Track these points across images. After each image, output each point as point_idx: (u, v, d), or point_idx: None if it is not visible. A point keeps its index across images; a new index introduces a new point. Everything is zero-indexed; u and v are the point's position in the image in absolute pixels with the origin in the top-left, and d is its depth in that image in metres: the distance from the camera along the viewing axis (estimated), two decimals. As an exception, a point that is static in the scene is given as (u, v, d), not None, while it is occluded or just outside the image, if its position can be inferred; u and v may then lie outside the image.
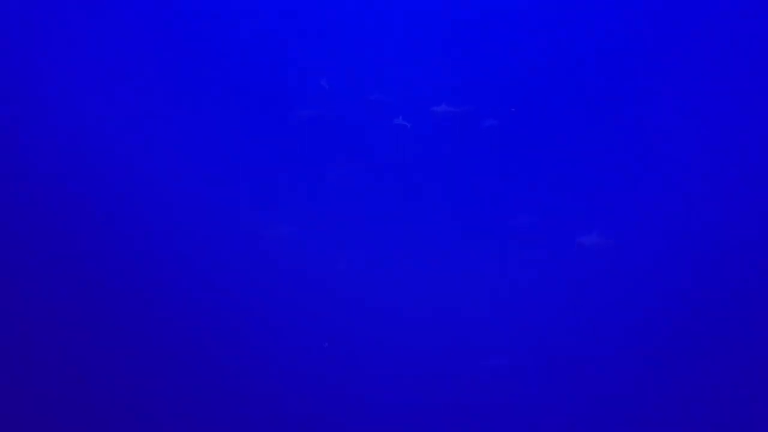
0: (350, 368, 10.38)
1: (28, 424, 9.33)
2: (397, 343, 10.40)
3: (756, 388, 9.68)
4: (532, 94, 11.35)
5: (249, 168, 11.17)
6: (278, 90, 11.46)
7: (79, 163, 10.48)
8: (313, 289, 10.62)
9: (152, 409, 9.81)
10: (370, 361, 10.37)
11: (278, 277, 10.64)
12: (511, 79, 11.37)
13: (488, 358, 10.23)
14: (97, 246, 10.37)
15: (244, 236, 10.72)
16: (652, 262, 10.39)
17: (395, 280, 10.72)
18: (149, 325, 10.20)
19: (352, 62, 11.53)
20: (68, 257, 10.21)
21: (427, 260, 10.85)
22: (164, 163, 10.75)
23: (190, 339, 10.25)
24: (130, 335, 10.10)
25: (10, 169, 10.21)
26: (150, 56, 11.16)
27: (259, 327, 10.49)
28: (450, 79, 11.29)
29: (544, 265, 10.59)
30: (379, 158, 11.41)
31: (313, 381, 10.26)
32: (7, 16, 10.56)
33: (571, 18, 11.33)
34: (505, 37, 11.47)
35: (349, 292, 10.62)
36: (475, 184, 11.25)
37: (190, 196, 10.73)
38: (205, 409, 10.02)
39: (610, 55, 11.13)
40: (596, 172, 10.94)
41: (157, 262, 10.46)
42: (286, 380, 10.25)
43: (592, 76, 11.17)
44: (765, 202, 10.19)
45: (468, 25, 11.54)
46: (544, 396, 10.04)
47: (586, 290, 10.46)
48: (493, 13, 11.48)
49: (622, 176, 10.84)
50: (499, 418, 10.08)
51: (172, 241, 10.57)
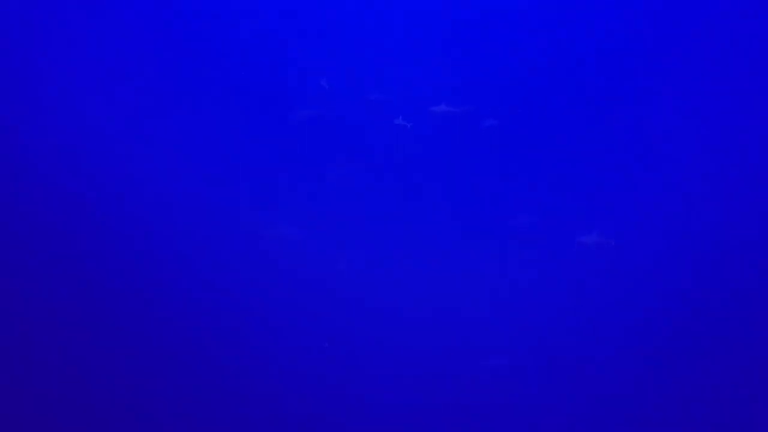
0: (350, 368, 10.38)
1: (28, 424, 9.33)
2: (397, 343, 10.40)
3: (756, 388, 9.68)
4: (532, 94, 11.36)
5: (249, 168, 11.18)
6: (278, 90, 11.46)
7: (79, 163, 10.48)
8: (314, 289, 10.62)
9: (152, 409, 9.81)
10: (370, 361, 10.37)
11: (278, 277, 10.64)
12: (511, 79, 11.38)
13: (488, 358, 10.23)
14: (97, 246, 10.37)
15: (244, 236, 10.72)
16: (652, 262, 10.40)
17: (395, 280, 10.72)
18: (150, 325, 10.19)
19: (352, 62, 11.54)
20: (68, 257, 10.21)
21: (427, 260, 10.85)
22: (164, 163, 10.76)
23: (190, 339, 10.25)
24: (131, 336, 10.09)
25: (10, 169, 10.21)
26: (150, 56, 11.16)
27: (258, 327, 10.49)
28: (450, 79, 11.29)
29: (545, 264, 10.60)
30: (379, 158, 11.41)
31: (313, 381, 10.26)
32: (7, 16, 10.57)
33: (571, 18, 11.34)
34: (505, 38, 11.48)
35: (349, 292, 10.62)
36: (475, 184, 11.26)
37: (190, 195, 10.73)
38: (205, 409, 10.01)
39: (610, 55, 11.14)
40: (596, 172, 10.95)
41: (157, 262, 10.46)
42: (286, 380, 10.25)
43: (592, 76, 11.18)
44: (765, 201, 10.20)
45: (468, 25, 11.55)
46: (544, 396, 10.04)
47: (586, 290, 10.47)
48: (493, 14, 11.49)
49: (622, 176, 10.85)
50: (499, 418, 10.08)
51: (172, 241, 10.56)
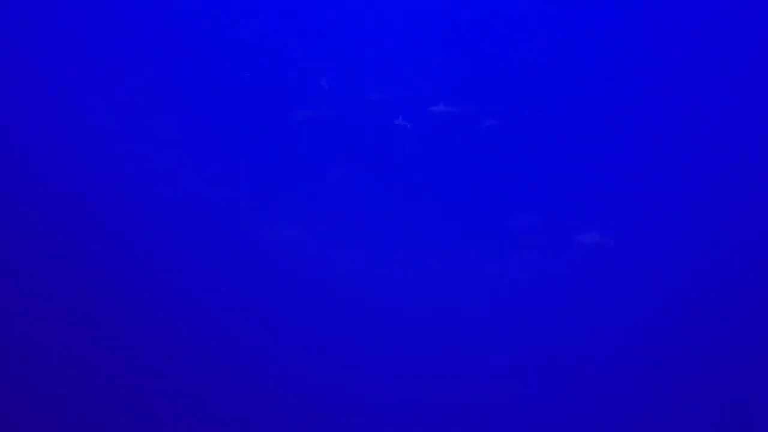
0: (350, 368, 10.37)
1: (28, 424, 9.33)
2: (397, 343, 10.38)
3: (756, 388, 9.68)
4: (532, 94, 11.36)
5: (249, 168, 11.18)
6: (278, 90, 11.46)
7: (79, 163, 10.48)
8: (314, 289, 10.62)
9: (153, 409, 9.80)
10: (369, 361, 10.36)
11: (278, 277, 10.63)
12: (511, 79, 11.39)
13: (488, 358, 10.22)
14: (97, 247, 10.37)
15: (244, 236, 10.72)
16: (652, 261, 10.40)
17: (395, 280, 10.72)
18: (150, 325, 10.19)
19: (352, 62, 11.54)
20: (68, 257, 10.20)
21: (426, 260, 10.85)
22: (164, 163, 10.76)
23: (190, 339, 10.25)
24: (131, 336, 10.09)
25: (10, 169, 10.21)
26: (150, 56, 11.17)
27: (258, 327, 10.48)
28: (450, 79, 11.30)
29: (544, 264, 10.59)
30: (379, 158, 11.41)
31: (313, 381, 10.25)
32: (7, 16, 10.57)
33: (571, 18, 11.34)
34: (505, 38, 11.48)
35: (349, 292, 10.61)
36: (475, 184, 11.25)
37: (190, 195, 10.73)
38: (205, 409, 10.00)
39: (610, 55, 11.14)
40: (596, 172, 10.95)
41: (157, 262, 10.46)
42: (286, 380, 10.24)
43: (592, 76, 11.18)
44: (764, 201, 10.20)
45: (468, 25, 11.56)
46: (544, 395, 10.04)
47: (586, 289, 10.46)
48: (493, 14, 11.49)
49: (621, 175, 10.85)
50: (499, 418, 10.07)
51: (171, 241, 10.56)
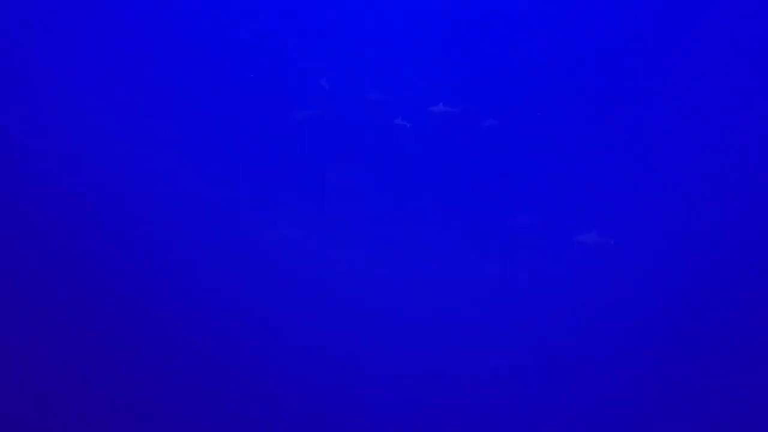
0: (351, 368, 10.36)
1: (28, 424, 9.33)
2: (397, 343, 10.37)
3: (756, 388, 9.68)
4: (532, 94, 11.36)
5: (249, 168, 11.18)
6: (278, 90, 11.46)
7: (79, 163, 10.48)
8: (313, 289, 10.61)
9: (153, 409, 9.80)
10: (369, 361, 10.36)
11: (278, 277, 10.63)
12: (511, 79, 11.39)
13: (488, 358, 10.22)
14: (97, 247, 10.36)
15: (244, 236, 10.71)
16: (652, 261, 10.40)
17: (394, 280, 10.71)
18: (150, 325, 10.18)
19: (352, 62, 11.55)
20: (68, 258, 10.20)
21: (426, 260, 10.85)
22: (164, 163, 10.75)
23: (190, 339, 10.24)
24: (131, 336, 10.08)
25: (10, 169, 10.21)
26: (150, 56, 11.17)
27: (258, 326, 10.47)
28: (450, 79, 11.30)
29: (544, 264, 10.59)
30: (379, 158, 11.41)
31: (314, 381, 10.24)
32: (7, 16, 10.57)
33: (571, 18, 11.35)
34: (505, 38, 11.49)
35: (349, 292, 10.60)
36: (475, 184, 11.25)
37: (190, 195, 10.73)
38: (205, 410, 9.99)
39: (610, 55, 11.14)
40: (595, 171, 10.95)
41: (156, 262, 10.45)
42: (286, 380, 10.23)
43: (592, 76, 11.19)
44: (764, 201, 10.20)
45: (468, 25, 11.56)
46: (544, 395, 10.03)
47: (585, 289, 10.46)
48: (493, 14, 11.49)
49: (621, 175, 10.85)
50: (499, 418, 10.07)
51: (171, 241, 10.55)
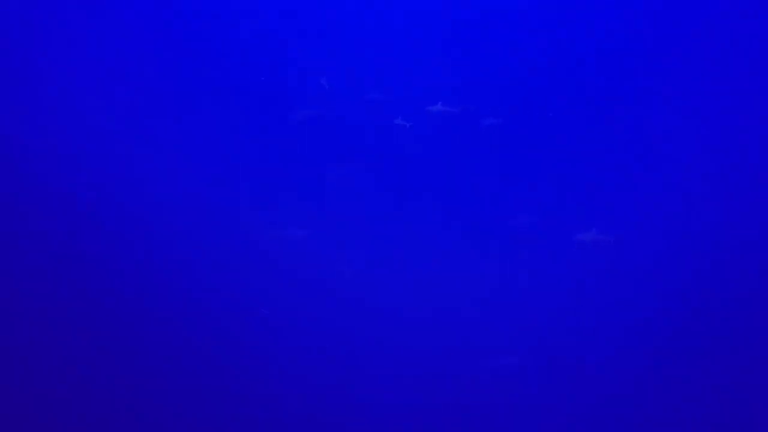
0: (351, 368, 10.36)
1: (28, 424, 9.33)
2: (396, 342, 10.37)
3: (756, 388, 9.68)
4: (531, 94, 11.36)
5: (249, 168, 11.17)
6: (278, 90, 11.46)
7: (79, 163, 10.48)
8: (314, 289, 10.61)
9: (153, 410, 9.80)
10: (369, 361, 10.36)
11: (278, 277, 10.63)
12: (510, 78, 11.39)
13: (488, 358, 10.23)
14: (97, 247, 10.36)
15: (244, 236, 10.71)
16: (651, 260, 10.40)
17: (394, 279, 10.71)
18: (150, 326, 10.18)
19: (352, 62, 11.54)
20: (68, 258, 10.20)
21: (425, 259, 10.85)
22: (164, 163, 10.75)
23: (190, 339, 10.24)
24: (131, 337, 10.08)
25: (10, 169, 10.21)
26: (150, 56, 11.17)
27: (258, 326, 10.48)
28: (450, 79, 11.30)
29: (543, 263, 10.59)
30: (379, 158, 11.41)
31: (315, 381, 10.25)
32: (7, 16, 10.57)
33: (571, 18, 11.35)
34: (505, 37, 11.48)
35: (349, 292, 10.60)
36: (475, 183, 11.25)
37: (190, 195, 10.73)
38: (206, 410, 10.00)
39: (610, 55, 11.14)
40: (595, 171, 10.95)
41: (156, 263, 10.45)
42: (287, 380, 10.24)
43: (591, 75, 11.19)
44: (764, 201, 10.20)
45: (468, 25, 11.56)
46: (543, 394, 10.04)
47: (585, 288, 10.46)
48: (493, 14, 11.49)
49: (621, 174, 10.85)
50: (499, 418, 10.07)
51: (171, 241, 10.56)
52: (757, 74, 10.56)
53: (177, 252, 10.57)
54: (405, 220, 11.08)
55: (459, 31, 11.54)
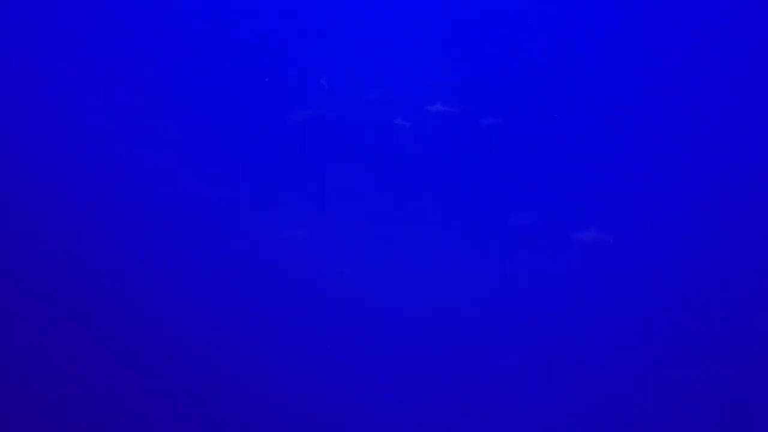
0: (351, 369, 10.36)
1: (28, 424, 9.33)
2: (396, 342, 10.37)
3: (756, 388, 9.68)
4: (530, 93, 11.37)
5: (249, 168, 11.18)
6: (278, 90, 11.47)
7: (79, 163, 10.49)
8: (314, 289, 10.60)
9: (154, 410, 9.80)
10: (369, 361, 10.36)
11: (278, 277, 10.63)
12: (510, 78, 11.39)
13: (488, 358, 10.22)
14: (97, 247, 10.36)
15: (243, 236, 10.71)
16: (651, 259, 10.40)
17: (393, 278, 10.70)
18: (150, 326, 10.18)
19: (352, 62, 11.55)
20: (68, 258, 10.20)
21: (425, 259, 10.84)
22: (164, 163, 10.76)
23: (190, 340, 10.24)
24: (131, 337, 10.08)
25: (10, 169, 10.22)
26: (150, 56, 11.18)
27: (258, 327, 10.47)
28: (449, 78, 11.30)
29: (543, 262, 10.58)
30: (379, 158, 11.41)
31: (316, 382, 10.24)
32: (7, 16, 10.58)
33: (571, 18, 11.35)
34: (504, 37, 11.49)
35: (349, 292, 10.60)
36: (474, 183, 11.25)
37: (190, 196, 10.73)
38: (206, 411, 9.99)
39: (610, 55, 11.14)
40: (594, 170, 10.95)
41: (156, 263, 10.45)
42: (288, 381, 10.23)
43: (591, 75, 11.19)
44: (764, 201, 10.20)
45: (467, 25, 11.56)
46: (543, 394, 10.03)
47: (584, 287, 10.46)
48: (493, 13, 11.50)
49: (620, 174, 10.85)
50: (499, 418, 10.07)
51: (171, 241, 10.56)
52: (757, 74, 10.56)
53: (177, 252, 10.57)
54: (405, 220, 11.08)
55: (458, 31, 11.55)
